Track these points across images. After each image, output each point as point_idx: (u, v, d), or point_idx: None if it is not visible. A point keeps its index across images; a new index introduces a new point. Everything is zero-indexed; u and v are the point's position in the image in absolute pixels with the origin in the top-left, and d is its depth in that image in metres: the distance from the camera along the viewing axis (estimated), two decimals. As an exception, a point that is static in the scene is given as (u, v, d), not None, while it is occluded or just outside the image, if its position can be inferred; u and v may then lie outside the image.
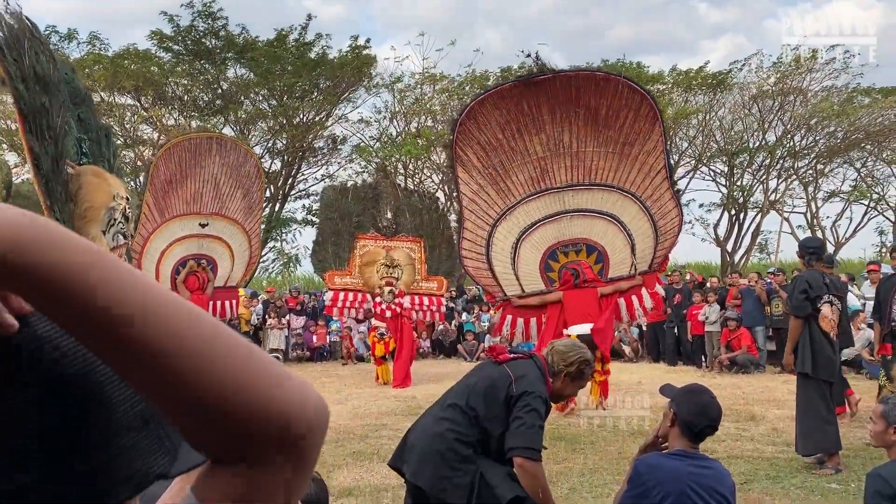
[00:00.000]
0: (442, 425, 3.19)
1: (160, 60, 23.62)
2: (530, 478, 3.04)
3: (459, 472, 3.07)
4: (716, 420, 2.93)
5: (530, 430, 3.04)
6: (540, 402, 3.11)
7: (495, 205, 9.25)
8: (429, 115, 24.82)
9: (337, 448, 6.84)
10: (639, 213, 9.06)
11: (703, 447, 6.33)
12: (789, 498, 5.10)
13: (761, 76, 23.45)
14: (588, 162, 9.06)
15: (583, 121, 8.90)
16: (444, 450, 3.12)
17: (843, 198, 26.26)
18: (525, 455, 3.02)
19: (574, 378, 3.30)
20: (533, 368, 3.24)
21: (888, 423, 3.09)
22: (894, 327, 6.44)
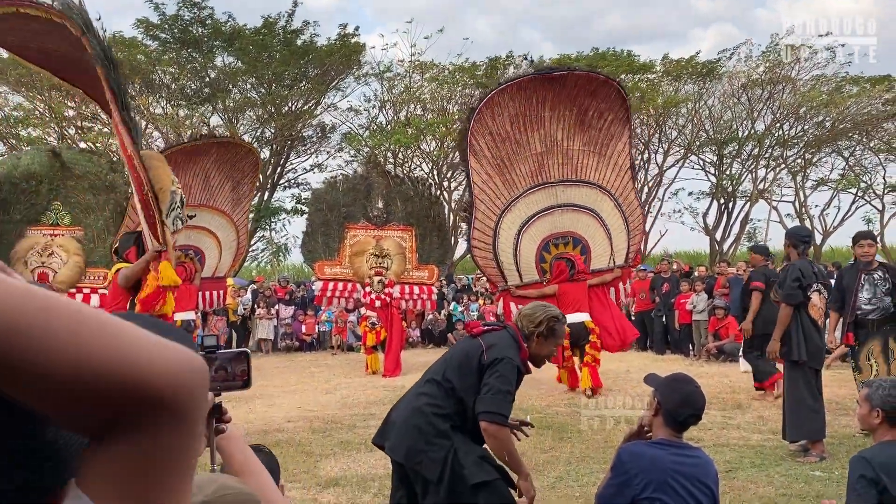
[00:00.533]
0: (420, 400, 3.28)
1: (147, 49, 23.42)
2: (494, 441, 3.13)
3: (434, 446, 3.15)
4: (700, 409, 2.93)
5: (497, 395, 3.12)
6: (509, 367, 3.18)
7: (502, 195, 9.55)
8: (418, 104, 24.76)
9: (324, 438, 6.84)
10: (613, 210, 9.67)
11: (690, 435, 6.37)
12: (773, 485, 5.13)
13: (750, 65, 23.49)
14: (576, 159, 9.54)
15: (573, 120, 9.36)
16: (422, 424, 3.20)
17: (832, 186, 26.40)
18: (489, 419, 3.10)
19: (546, 336, 3.33)
20: (505, 337, 3.31)
21: (871, 405, 3.10)
22: (859, 316, 6.43)
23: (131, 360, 0.55)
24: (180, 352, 0.60)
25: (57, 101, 23.30)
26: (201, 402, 0.60)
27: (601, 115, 9.42)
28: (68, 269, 10.62)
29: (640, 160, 26.86)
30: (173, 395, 0.57)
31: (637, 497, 2.73)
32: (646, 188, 27.24)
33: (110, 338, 0.56)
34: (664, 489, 2.72)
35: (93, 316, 0.56)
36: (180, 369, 0.58)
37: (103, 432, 0.57)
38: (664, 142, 26.09)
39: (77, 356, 0.53)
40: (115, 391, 0.55)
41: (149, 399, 0.56)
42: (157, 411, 0.57)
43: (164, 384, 0.56)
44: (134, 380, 0.55)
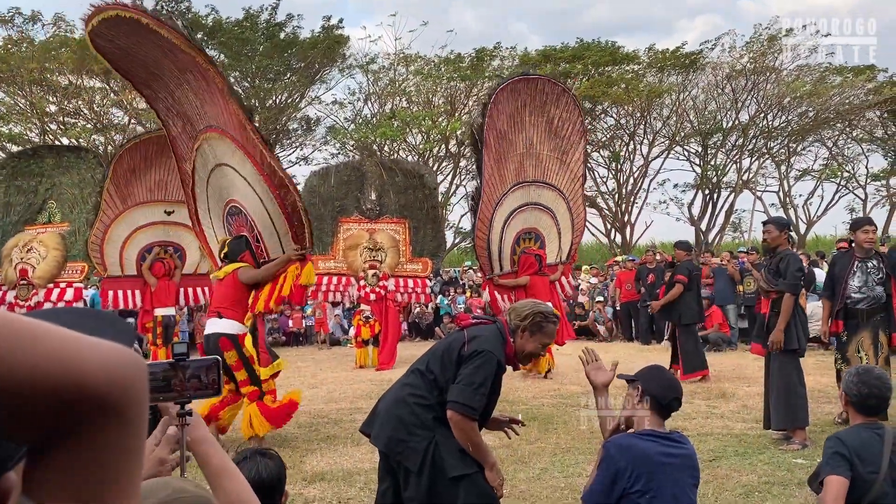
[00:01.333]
0: (404, 391, 3.32)
1: (129, 43, 23.20)
2: (459, 431, 3.14)
3: (416, 437, 3.17)
4: (681, 393, 3.00)
5: (468, 386, 3.12)
6: (486, 360, 3.16)
7: (497, 189, 10.00)
8: (403, 97, 24.69)
9: (310, 432, 6.84)
10: (566, 212, 10.61)
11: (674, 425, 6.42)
12: (756, 473, 5.18)
13: (734, 55, 23.58)
14: (544, 163, 10.33)
15: (544, 127, 10.17)
16: (404, 414, 3.24)
17: (815, 176, 26.58)
18: (455, 409, 3.11)
19: (533, 332, 3.31)
20: (492, 331, 3.31)
21: (847, 393, 3.14)
22: (849, 304, 6.47)
23: (64, 363, 0.55)
24: (115, 349, 0.59)
25: (38, 96, 23.06)
26: (142, 399, 0.60)
27: (563, 124, 10.31)
28: (46, 263, 10.57)
29: (625, 151, 26.96)
30: (111, 393, 0.57)
31: (628, 490, 2.74)
32: (631, 179, 27.34)
33: (43, 342, 0.55)
34: (654, 480, 2.73)
35: (15, 324, 0.55)
36: (116, 367, 0.58)
37: (44, 442, 0.56)
38: (649, 133, 26.17)
39: (12, 364, 0.53)
40: (52, 397, 0.54)
41: (88, 400, 0.55)
42: (98, 413, 0.56)
43: (102, 383, 0.56)
44: (70, 382, 0.55)
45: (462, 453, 3.18)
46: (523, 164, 10.18)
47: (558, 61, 24.60)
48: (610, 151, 27.20)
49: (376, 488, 4.91)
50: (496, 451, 5.80)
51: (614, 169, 27.57)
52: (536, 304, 3.48)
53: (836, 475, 2.88)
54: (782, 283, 6.17)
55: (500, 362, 3.23)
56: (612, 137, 27.06)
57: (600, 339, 14.48)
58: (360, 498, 4.84)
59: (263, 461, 2.27)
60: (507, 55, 25.35)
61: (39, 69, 22.09)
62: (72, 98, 23.65)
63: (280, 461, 2.32)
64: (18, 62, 21.81)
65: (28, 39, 22.64)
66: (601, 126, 26.91)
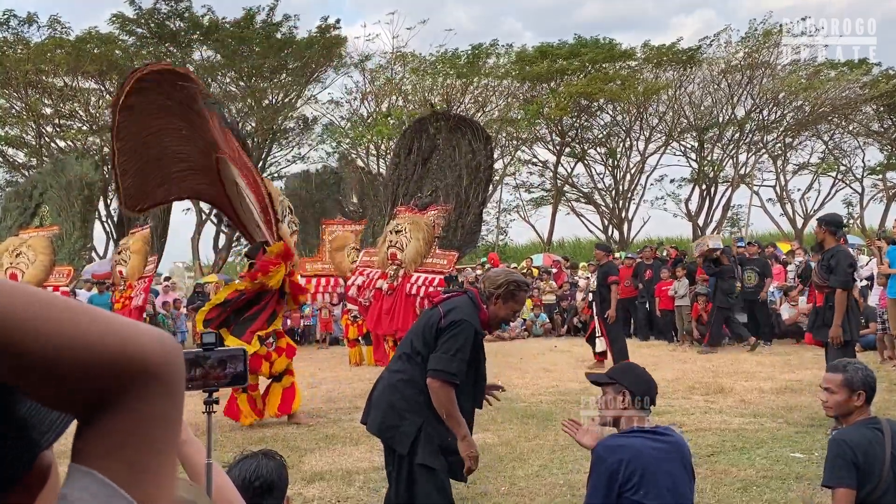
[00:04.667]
0: (394, 377, 3.44)
1: (124, 44, 23.17)
2: (437, 398, 3.26)
3: (406, 421, 3.31)
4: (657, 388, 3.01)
5: (445, 354, 3.26)
6: (462, 329, 3.30)
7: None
8: (400, 95, 24.68)
9: (309, 432, 6.83)
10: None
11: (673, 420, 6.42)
12: (754, 468, 5.19)
13: (730, 51, 23.58)
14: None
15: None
16: (396, 400, 3.36)
17: (812, 170, 26.62)
18: (434, 376, 3.25)
19: (506, 299, 3.44)
20: (465, 301, 3.45)
21: (852, 389, 3.08)
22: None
23: (121, 336, 0.61)
24: (153, 328, 0.66)
25: (34, 98, 23.02)
26: (183, 373, 0.66)
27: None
28: (35, 268, 10.66)
29: (622, 148, 26.97)
30: (160, 363, 0.62)
31: (623, 489, 2.74)
32: (628, 175, 27.36)
33: (103, 318, 0.62)
34: (647, 475, 2.73)
35: (78, 305, 0.62)
36: (164, 339, 0.64)
37: (94, 411, 0.61)
38: (645, 129, 26.17)
39: (74, 337, 0.59)
40: (110, 365, 0.60)
41: (140, 369, 0.61)
42: (147, 381, 0.62)
43: (152, 354, 0.62)
44: (126, 352, 0.61)
45: (440, 449, 3.30)
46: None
47: (555, 58, 24.59)
48: (606, 148, 27.22)
49: (375, 487, 4.95)
50: (494, 449, 5.84)
51: (611, 165, 27.59)
52: (510, 273, 3.61)
53: (843, 487, 2.90)
54: (833, 279, 6.39)
55: (477, 329, 3.38)
56: (608, 134, 27.07)
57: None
58: (360, 497, 4.84)
59: (264, 461, 2.28)
60: (502, 52, 25.35)
61: (34, 71, 22.06)
62: (67, 100, 23.62)
63: (282, 464, 2.33)
64: (13, 64, 21.79)
65: (23, 41, 22.61)
66: (598, 123, 26.93)
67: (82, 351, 0.59)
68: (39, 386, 0.60)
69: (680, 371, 9.42)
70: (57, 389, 0.60)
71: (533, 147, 27.73)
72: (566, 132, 26.58)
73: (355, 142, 24.15)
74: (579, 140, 27.13)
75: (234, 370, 1.71)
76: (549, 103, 24.54)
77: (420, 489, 3.25)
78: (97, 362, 0.59)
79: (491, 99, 25.65)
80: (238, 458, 2.35)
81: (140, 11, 22.51)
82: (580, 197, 28.72)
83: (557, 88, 24.67)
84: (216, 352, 1.69)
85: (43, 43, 22.38)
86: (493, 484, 5.00)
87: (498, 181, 27.21)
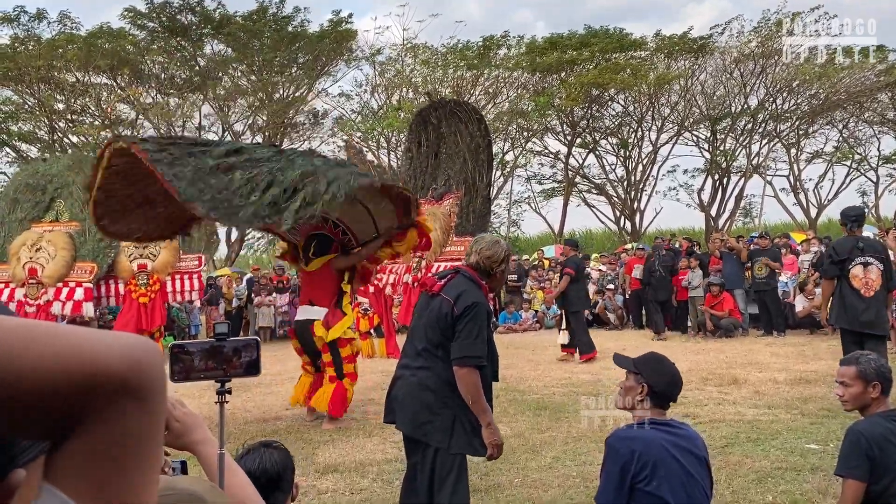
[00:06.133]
0: (419, 374, 3.46)
1: (135, 38, 23.23)
2: (464, 385, 3.32)
3: (439, 416, 3.36)
4: (681, 385, 2.96)
5: (466, 339, 3.32)
6: (477, 311, 3.36)
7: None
8: (410, 87, 24.63)
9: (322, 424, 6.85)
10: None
11: (686, 411, 6.39)
12: (769, 459, 5.16)
13: (742, 40, 23.37)
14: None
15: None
16: (427, 397, 3.40)
17: (826, 159, 26.38)
18: (459, 363, 3.31)
19: (504, 271, 3.66)
20: (464, 282, 3.49)
21: (867, 381, 3.07)
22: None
23: (88, 351, 0.58)
24: (130, 337, 0.62)
25: (46, 94, 23.15)
26: (160, 383, 0.63)
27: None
28: (55, 263, 10.70)
29: (634, 138, 26.82)
30: (133, 375, 0.59)
31: (636, 480, 2.73)
32: (640, 166, 27.21)
33: (63, 338, 0.58)
34: (659, 467, 2.72)
35: (40, 325, 0.59)
36: (132, 351, 0.61)
37: (63, 432, 0.58)
38: (657, 119, 26.01)
39: (38, 360, 0.56)
40: (71, 387, 0.57)
41: (108, 386, 0.58)
42: (117, 398, 0.59)
43: (124, 366, 0.59)
44: (89, 370, 0.57)
45: (473, 430, 3.35)
46: None
47: (565, 48, 24.47)
48: (618, 139, 27.08)
49: (389, 479, 4.96)
50: (507, 441, 5.82)
51: (623, 156, 27.45)
52: (496, 243, 3.67)
53: (854, 479, 2.89)
54: (821, 269, 7.14)
55: (488, 309, 3.46)
56: (620, 125, 26.92)
57: (611, 326, 14.45)
58: (373, 489, 4.85)
59: (269, 452, 2.27)
60: (513, 43, 25.25)
61: (46, 67, 22.17)
62: (79, 95, 23.74)
63: (286, 453, 2.32)
64: (25, 60, 21.89)
65: (34, 38, 22.71)
66: (609, 113, 26.78)
67: (33, 377, 0.55)
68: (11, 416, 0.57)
69: (693, 362, 9.38)
70: (11, 419, 0.57)
71: (544, 138, 27.65)
72: (577, 123, 26.46)
73: (366, 135, 24.13)
74: (590, 131, 27.00)
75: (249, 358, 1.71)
76: (560, 94, 24.43)
77: (454, 476, 3.32)
78: (54, 386, 0.56)
79: (502, 90, 25.57)
80: (241, 453, 2.34)
81: (151, 5, 22.55)
82: (592, 188, 28.61)
83: (568, 79, 24.55)
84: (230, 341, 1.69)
85: (54, 39, 22.47)
86: (505, 476, 5.00)
87: (509, 173, 27.16)
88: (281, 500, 2.31)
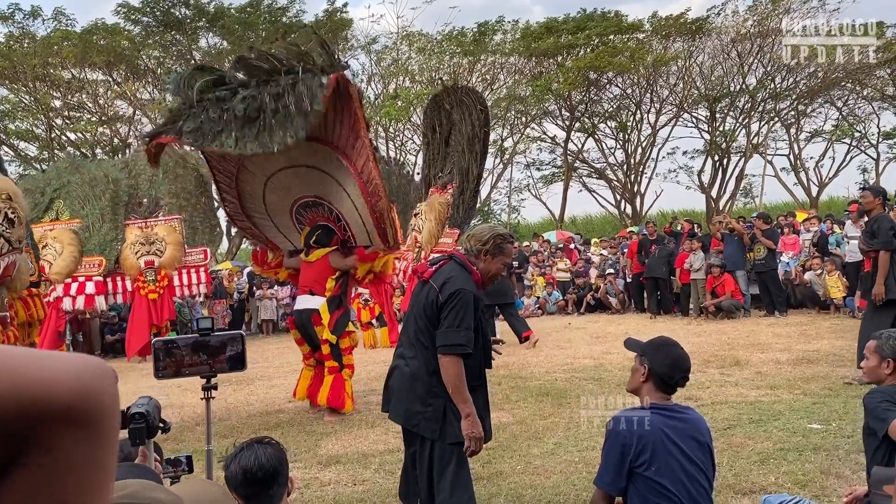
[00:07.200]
0: (409, 364, 3.44)
1: (130, 33, 23.14)
2: (445, 372, 3.28)
3: (430, 406, 3.32)
4: (688, 371, 2.94)
5: (449, 328, 3.27)
6: (461, 298, 3.29)
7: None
8: (406, 76, 24.55)
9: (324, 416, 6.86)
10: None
11: (688, 394, 6.38)
12: (771, 440, 5.16)
13: (738, 20, 23.24)
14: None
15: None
16: (416, 386, 3.37)
17: (826, 137, 26.26)
18: (443, 352, 3.27)
19: (495, 254, 3.46)
20: (454, 268, 3.44)
21: (881, 356, 3.18)
22: None
23: (31, 375, 0.53)
24: (79, 358, 0.57)
25: (42, 91, 23.09)
26: (111, 409, 0.57)
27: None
28: (63, 259, 10.76)
29: (633, 121, 26.73)
30: (80, 402, 0.54)
31: (635, 464, 2.73)
32: (639, 149, 27.13)
33: (2, 360, 0.53)
34: (659, 452, 2.72)
35: None
36: (80, 375, 0.55)
37: (4, 464, 0.53)
38: (656, 101, 25.91)
39: None
40: (20, 410, 0.52)
41: (56, 411, 0.53)
42: (59, 428, 0.53)
43: (71, 392, 0.54)
44: (38, 393, 0.52)
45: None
46: None
47: (561, 33, 24.35)
48: (617, 122, 26.98)
49: (391, 469, 4.97)
50: (509, 428, 5.85)
51: (622, 139, 27.37)
52: (494, 228, 3.59)
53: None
54: (876, 242, 6.82)
55: (475, 295, 3.36)
56: (618, 108, 26.82)
57: (613, 311, 14.44)
58: (375, 479, 4.86)
59: (262, 448, 2.26)
60: (509, 29, 25.13)
61: (42, 64, 22.11)
62: (75, 92, 23.68)
63: (280, 448, 2.30)
64: (21, 58, 21.84)
65: (29, 35, 22.64)
66: (607, 96, 26.68)
67: None
68: None
69: (695, 345, 9.37)
70: None
71: (542, 123, 27.57)
72: (575, 107, 26.36)
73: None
74: (589, 115, 26.91)
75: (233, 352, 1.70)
76: (558, 78, 24.33)
77: (453, 466, 3.29)
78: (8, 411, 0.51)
79: (498, 76, 25.47)
80: (234, 450, 2.32)
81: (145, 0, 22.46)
82: (592, 172, 28.55)
83: (565, 63, 24.44)
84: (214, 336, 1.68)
85: (49, 36, 22.40)
86: (507, 463, 5.01)
87: (508, 159, 27.09)
88: (279, 495, 2.31)
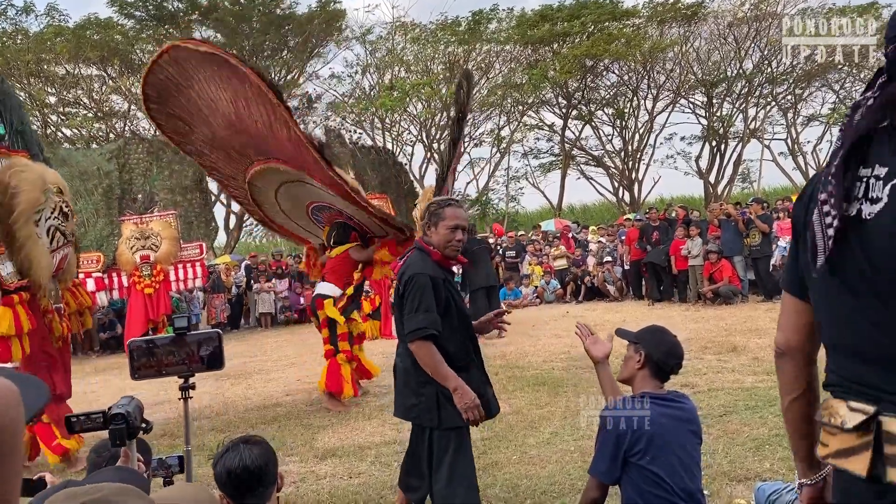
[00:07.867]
0: (404, 360, 3.44)
1: (123, 28, 23.05)
2: (418, 358, 3.26)
3: (423, 396, 3.33)
4: (682, 357, 2.95)
5: (409, 314, 3.26)
6: (414, 283, 3.29)
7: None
8: (401, 66, 24.46)
9: (321, 409, 6.88)
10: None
11: (685, 381, 6.38)
12: (767, 426, 5.16)
13: (734, 3, 23.15)
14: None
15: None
16: (409, 381, 3.39)
17: (823, 121, 26.21)
18: (408, 339, 3.27)
19: (435, 223, 3.41)
20: (414, 255, 3.45)
21: None
22: None
23: None
24: None
25: (37, 88, 23.02)
26: (14, 425, 0.55)
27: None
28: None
29: (630, 108, 26.65)
30: None
31: (630, 453, 2.73)
32: (637, 135, 27.07)
33: None
34: (654, 441, 2.72)
35: None
36: None
37: None
38: (652, 87, 25.83)
39: None
40: None
41: None
42: None
43: None
44: None
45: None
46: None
47: (556, 20, 24.25)
48: (614, 109, 26.91)
49: (388, 462, 4.97)
50: (505, 418, 5.84)
51: (619, 126, 27.30)
52: (430, 203, 3.57)
53: None
54: None
55: (430, 276, 3.30)
56: (615, 94, 26.75)
57: (611, 299, 14.44)
58: (371, 472, 4.87)
59: (248, 448, 2.24)
60: (504, 17, 25.03)
61: (36, 60, 22.03)
62: (70, 87, 23.61)
63: (266, 446, 2.28)
64: (14, 55, 21.76)
65: (22, 31, 22.55)
66: (604, 84, 26.60)
67: None
68: None
69: (692, 331, 9.38)
70: None
71: (539, 111, 27.50)
72: (572, 95, 26.29)
73: (359, 117, 24.00)
74: (586, 102, 26.83)
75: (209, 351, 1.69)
76: (554, 66, 24.25)
77: (452, 451, 3.29)
78: None
79: (494, 65, 25.39)
80: (220, 451, 2.30)
81: (137, -6, 22.37)
82: (589, 160, 28.49)
83: (561, 51, 24.35)
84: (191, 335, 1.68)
85: (42, 31, 22.31)
86: (503, 453, 5.01)
87: (505, 148, 27.03)
88: (267, 494, 2.30)
